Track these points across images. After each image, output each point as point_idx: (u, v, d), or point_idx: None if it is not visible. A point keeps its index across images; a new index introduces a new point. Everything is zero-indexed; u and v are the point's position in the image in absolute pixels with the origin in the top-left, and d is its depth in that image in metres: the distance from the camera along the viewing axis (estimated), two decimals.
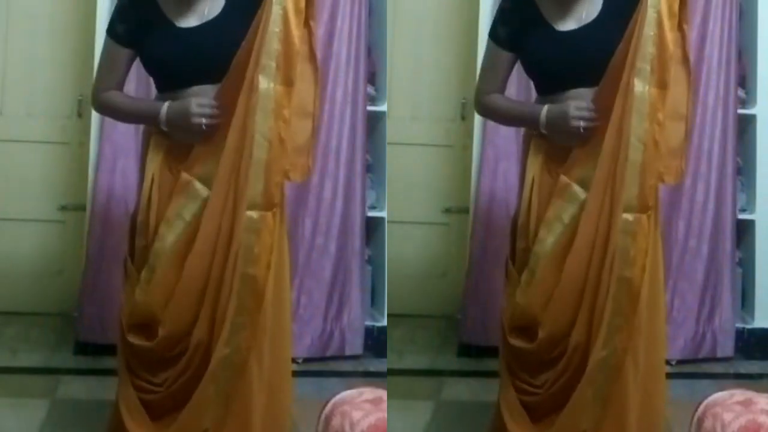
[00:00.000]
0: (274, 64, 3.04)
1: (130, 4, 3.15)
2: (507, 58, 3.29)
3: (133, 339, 3.15)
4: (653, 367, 3.23)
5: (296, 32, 3.05)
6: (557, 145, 3.19)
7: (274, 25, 3.03)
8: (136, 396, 3.17)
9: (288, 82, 3.06)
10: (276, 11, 3.03)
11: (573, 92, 3.15)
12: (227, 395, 3.07)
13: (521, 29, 3.22)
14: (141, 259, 3.17)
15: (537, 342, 3.21)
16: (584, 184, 3.15)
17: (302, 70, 3.13)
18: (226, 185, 3.06)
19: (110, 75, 3.20)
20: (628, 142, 3.07)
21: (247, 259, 3.05)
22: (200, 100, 3.04)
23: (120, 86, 3.22)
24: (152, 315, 3.11)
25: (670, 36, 3.07)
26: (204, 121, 3.03)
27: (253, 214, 3.05)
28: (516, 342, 3.27)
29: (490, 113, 3.42)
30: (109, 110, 3.29)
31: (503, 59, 3.29)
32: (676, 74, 3.15)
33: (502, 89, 3.32)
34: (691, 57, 3.23)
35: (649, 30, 3.06)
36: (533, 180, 3.26)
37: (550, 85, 3.22)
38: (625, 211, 3.09)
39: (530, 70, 3.28)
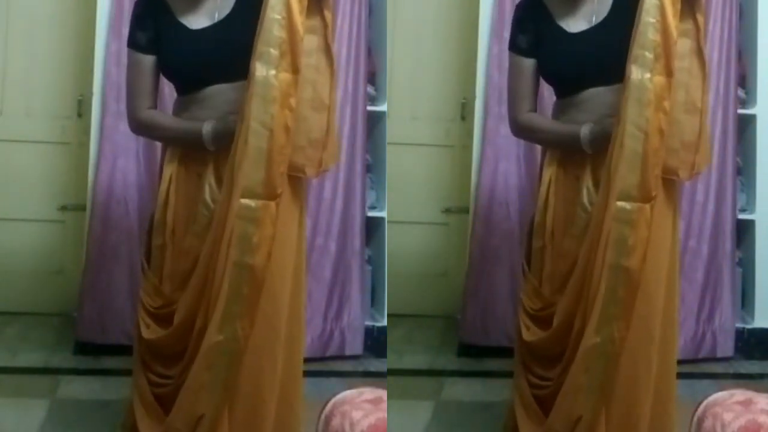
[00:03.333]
0: (275, 51, 2.98)
1: (145, 11, 3.15)
2: (532, 66, 3.28)
3: (149, 335, 3.16)
4: (665, 370, 3.22)
5: (300, 18, 3.00)
6: (577, 150, 3.20)
7: (274, 12, 2.98)
8: (150, 391, 3.18)
9: (294, 69, 3.01)
10: None
11: (589, 92, 3.16)
12: (226, 383, 3.06)
13: (537, 34, 3.24)
14: (158, 257, 3.19)
15: (549, 332, 3.21)
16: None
17: (318, 62, 3.10)
18: (229, 175, 3.05)
19: (142, 90, 3.17)
20: (625, 131, 3.04)
21: (244, 247, 3.01)
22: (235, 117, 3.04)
23: (155, 99, 3.20)
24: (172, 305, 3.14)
25: (674, 22, 3.03)
26: None
27: (251, 202, 3.00)
28: (530, 337, 3.27)
29: (528, 134, 3.38)
30: (149, 131, 3.26)
31: (529, 68, 3.28)
32: (691, 66, 3.12)
33: (534, 105, 3.30)
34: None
35: (648, 17, 3.02)
36: (550, 179, 3.26)
37: (566, 86, 3.24)
38: (622, 199, 3.05)
39: (545, 74, 3.29)
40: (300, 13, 3.01)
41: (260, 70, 2.99)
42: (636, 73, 3.03)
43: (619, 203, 3.06)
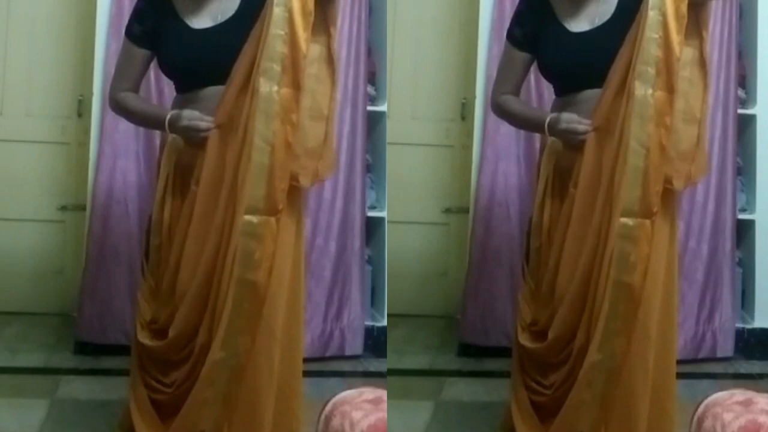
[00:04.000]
0: (277, 67, 3.00)
1: (147, 5, 3.17)
2: (523, 59, 3.31)
3: (144, 339, 3.16)
4: (664, 373, 3.23)
5: (303, 35, 3.01)
6: (569, 148, 3.19)
7: (277, 28, 2.99)
8: (146, 395, 3.18)
9: (296, 85, 3.02)
10: (278, 13, 2.99)
11: (587, 93, 3.16)
12: (226, 398, 3.07)
13: (536, 30, 3.24)
14: (155, 257, 3.20)
15: (546, 343, 3.21)
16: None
17: (319, 71, 3.11)
18: (228, 189, 3.05)
19: (127, 75, 3.23)
20: (628, 146, 3.05)
21: (246, 264, 3.02)
22: (191, 113, 3.05)
23: (136, 86, 3.25)
24: (166, 316, 3.14)
25: (677, 39, 3.03)
26: (201, 133, 3.05)
27: (253, 218, 3.02)
28: (527, 342, 3.27)
29: (502, 114, 3.43)
30: (122, 111, 3.30)
31: (519, 60, 3.31)
32: (692, 76, 3.13)
33: (516, 91, 3.35)
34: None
35: (651, 33, 3.03)
36: (547, 178, 3.27)
37: (564, 86, 3.25)
38: (625, 215, 3.06)
39: (544, 71, 3.30)
40: (304, 29, 3.01)
41: (264, 86, 3.00)
42: (640, 89, 3.04)
43: (623, 219, 3.06)
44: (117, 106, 3.27)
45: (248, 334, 3.05)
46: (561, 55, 3.21)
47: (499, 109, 3.40)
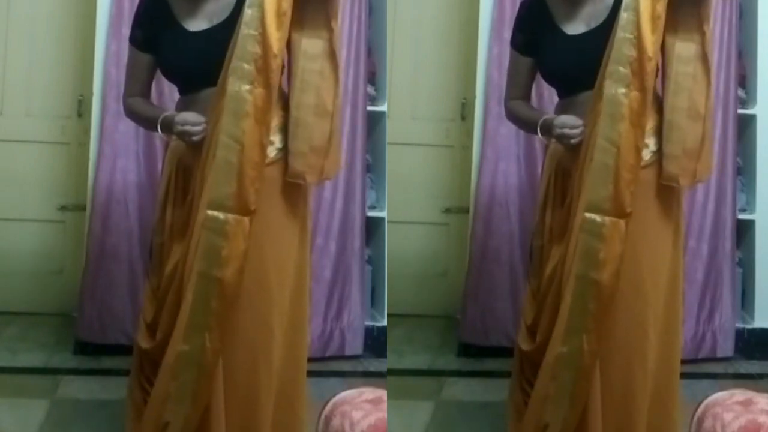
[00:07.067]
0: (249, 67, 2.98)
1: (146, 10, 3.18)
2: (527, 64, 3.31)
3: (141, 341, 3.16)
4: (668, 376, 3.22)
5: (276, 34, 2.99)
6: (569, 149, 3.19)
7: (249, 28, 2.98)
8: (142, 396, 3.18)
9: (268, 85, 3.01)
10: (251, 13, 2.98)
11: (586, 94, 3.15)
12: (194, 394, 3.03)
13: (536, 35, 3.25)
14: (157, 257, 3.19)
15: (535, 345, 3.21)
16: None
17: (322, 67, 3.09)
18: (199, 189, 3.04)
19: (134, 81, 3.23)
20: (595, 143, 3.04)
21: (211, 259, 2.99)
22: (186, 116, 3.04)
23: (145, 91, 3.24)
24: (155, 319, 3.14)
25: (651, 38, 3.03)
26: (194, 137, 3.04)
27: (219, 215, 2.98)
28: (524, 344, 3.27)
29: (512, 119, 3.44)
30: (132, 116, 3.32)
31: (524, 65, 3.32)
32: (695, 72, 3.13)
33: (526, 95, 3.35)
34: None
35: (625, 33, 3.03)
36: (549, 177, 3.27)
37: (564, 88, 3.25)
38: (591, 211, 3.04)
39: (544, 75, 3.30)
40: (277, 28, 3.00)
41: (233, 84, 2.98)
42: (609, 88, 3.04)
43: (588, 215, 3.04)
44: (128, 110, 3.29)
45: (217, 331, 3.01)
46: (558, 58, 3.22)
47: (508, 113, 3.41)
